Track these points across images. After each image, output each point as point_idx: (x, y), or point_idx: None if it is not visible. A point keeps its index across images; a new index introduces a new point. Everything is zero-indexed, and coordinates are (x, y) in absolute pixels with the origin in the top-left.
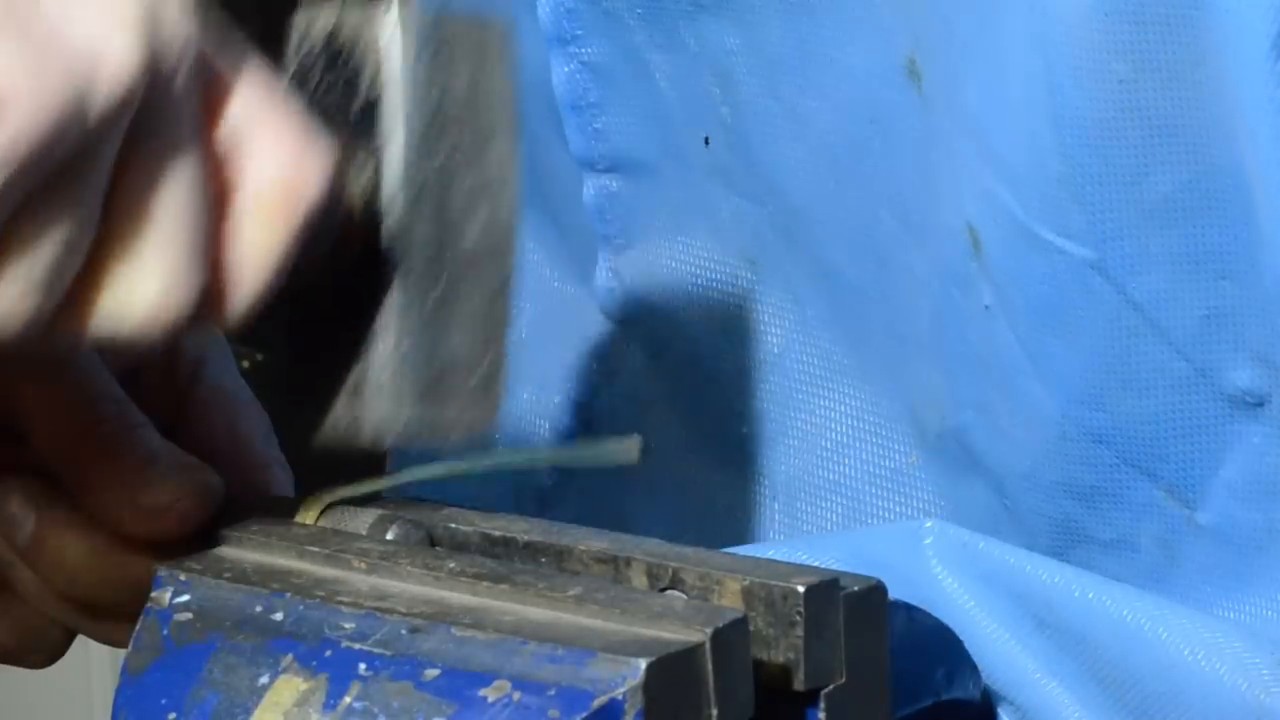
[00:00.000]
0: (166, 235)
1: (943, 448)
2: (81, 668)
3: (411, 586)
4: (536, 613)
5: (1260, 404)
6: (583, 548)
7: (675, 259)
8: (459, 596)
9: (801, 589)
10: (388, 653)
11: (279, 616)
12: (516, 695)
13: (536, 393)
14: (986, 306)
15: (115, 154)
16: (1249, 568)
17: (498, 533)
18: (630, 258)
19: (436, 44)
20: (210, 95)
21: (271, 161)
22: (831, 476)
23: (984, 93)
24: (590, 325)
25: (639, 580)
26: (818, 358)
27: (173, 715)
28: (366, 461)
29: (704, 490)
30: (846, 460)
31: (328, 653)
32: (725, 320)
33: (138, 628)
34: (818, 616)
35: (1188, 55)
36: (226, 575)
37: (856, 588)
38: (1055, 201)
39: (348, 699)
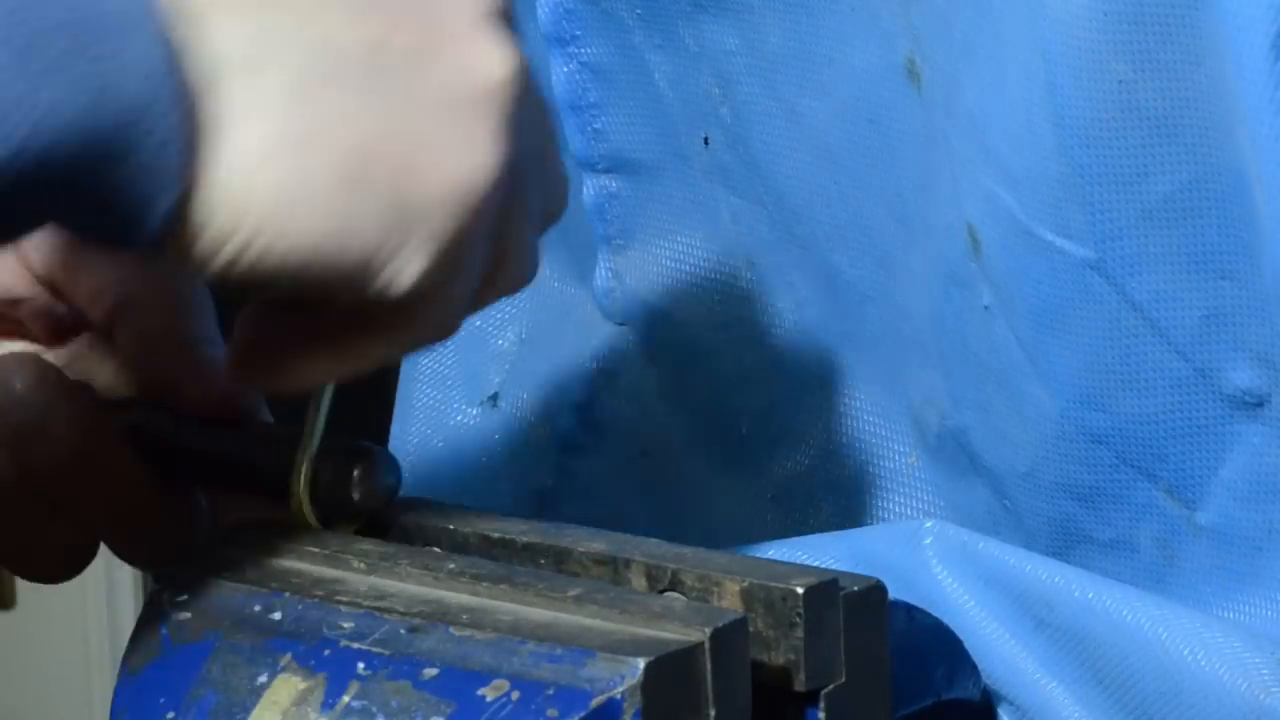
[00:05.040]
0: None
1: (943, 448)
2: (81, 667)
3: (410, 586)
4: (535, 613)
5: (1260, 404)
6: (582, 549)
7: (675, 259)
8: (458, 596)
9: (801, 590)
10: (386, 652)
11: (277, 616)
12: (515, 694)
13: (536, 393)
14: (986, 306)
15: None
16: (1248, 568)
17: (497, 533)
18: (630, 258)
19: None
20: None
21: None
22: (831, 476)
23: (984, 93)
24: (590, 325)
25: (638, 582)
26: (818, 358)
27: (171, 714)
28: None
29: (704, 490)
30: (846, 460)
31: (326, 652)
32: (725, 320)
33: (136, 626)
34: (817, 617)
35: (1188, 55)
36: (225, 574)
37: (856, 588)
38: (1055, 201)
39: (346, 698)
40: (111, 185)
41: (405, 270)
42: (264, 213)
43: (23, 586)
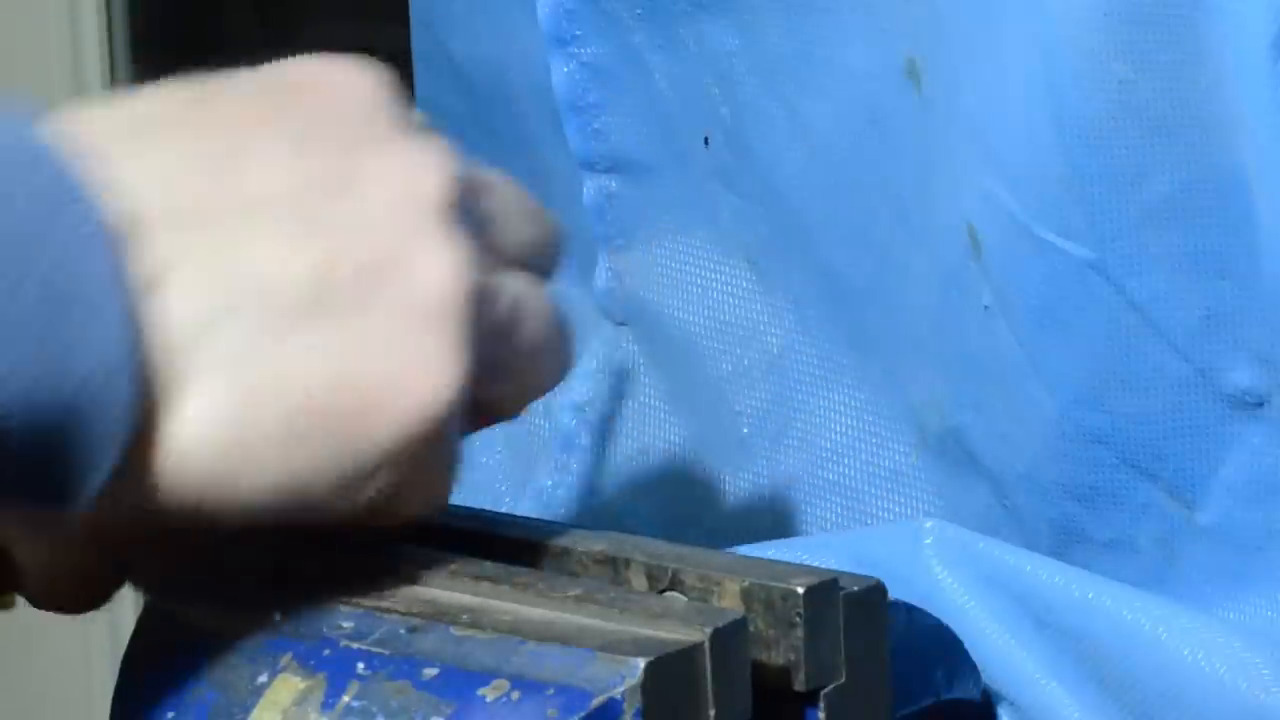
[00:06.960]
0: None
1: (943, 448)
2: (81, 666)
3: (411, 586)
4: (535, 612)
5: (1260, 404)
6: (582, 548)
7: (675, 259)
8: (458, 596)
9: (801, 590)
10: (386, 652)
11: (278, 616)
12: (515, 694)
13: None
14: (986, 306)
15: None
16: (1249, 568)
17: (497, 533)
18: (630, 258)
19: None
20: None
21: None
22: (831, 476)
23: (984, 93)
24: (590, 325)
25: (638, 582)
26: (818, 358)
27: (171, 714)
28: None
29: (704, 490)
30: (846, 460)
31: (326, 652)
32: (725, 320)
33: (136, 626)
34: (817, 617)
35: (1188, 55)
36: (225, 574)
37: (856, 588)
38: (1055, 201)
39: (346, 698)
40: (48, 457)
41: (364, 493)
42: (207, 477)
43: None
